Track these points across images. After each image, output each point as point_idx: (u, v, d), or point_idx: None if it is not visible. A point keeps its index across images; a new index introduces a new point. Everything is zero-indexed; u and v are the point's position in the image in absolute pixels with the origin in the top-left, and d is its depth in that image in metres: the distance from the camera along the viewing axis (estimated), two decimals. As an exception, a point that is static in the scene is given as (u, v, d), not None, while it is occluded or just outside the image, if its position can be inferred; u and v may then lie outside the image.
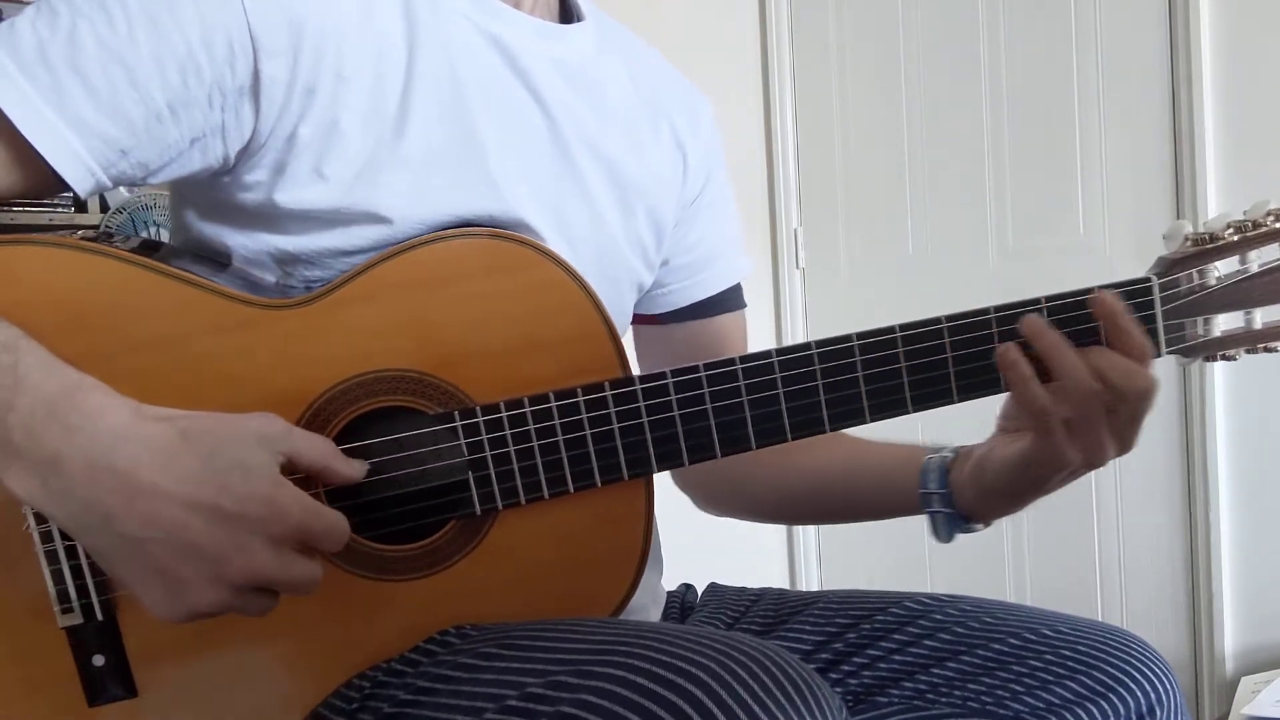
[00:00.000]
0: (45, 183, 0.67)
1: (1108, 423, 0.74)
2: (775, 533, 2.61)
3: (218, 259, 0.76)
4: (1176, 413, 2.18)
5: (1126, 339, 0.74)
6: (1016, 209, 2.34)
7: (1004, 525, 0.84)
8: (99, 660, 0.68)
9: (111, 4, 0.66)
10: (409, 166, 0.74)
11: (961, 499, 0.82)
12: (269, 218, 0.73)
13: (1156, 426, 2.19)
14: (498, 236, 0.75)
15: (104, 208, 1.73)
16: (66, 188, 0.68)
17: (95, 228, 1.72)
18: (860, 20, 2.51)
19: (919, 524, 0.87)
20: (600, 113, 0.85)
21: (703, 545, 1.13)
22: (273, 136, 0.71)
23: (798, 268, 2.60)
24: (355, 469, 0.68)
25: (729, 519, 1.03)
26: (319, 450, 0.66)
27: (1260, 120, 2.06)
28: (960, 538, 0.86)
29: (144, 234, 1.73)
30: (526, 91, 0.80)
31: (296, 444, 0.65)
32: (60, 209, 1.67)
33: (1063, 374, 0.73)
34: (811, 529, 2.62)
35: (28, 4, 0.70)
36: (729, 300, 0.99)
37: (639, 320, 1.00)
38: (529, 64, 0.80)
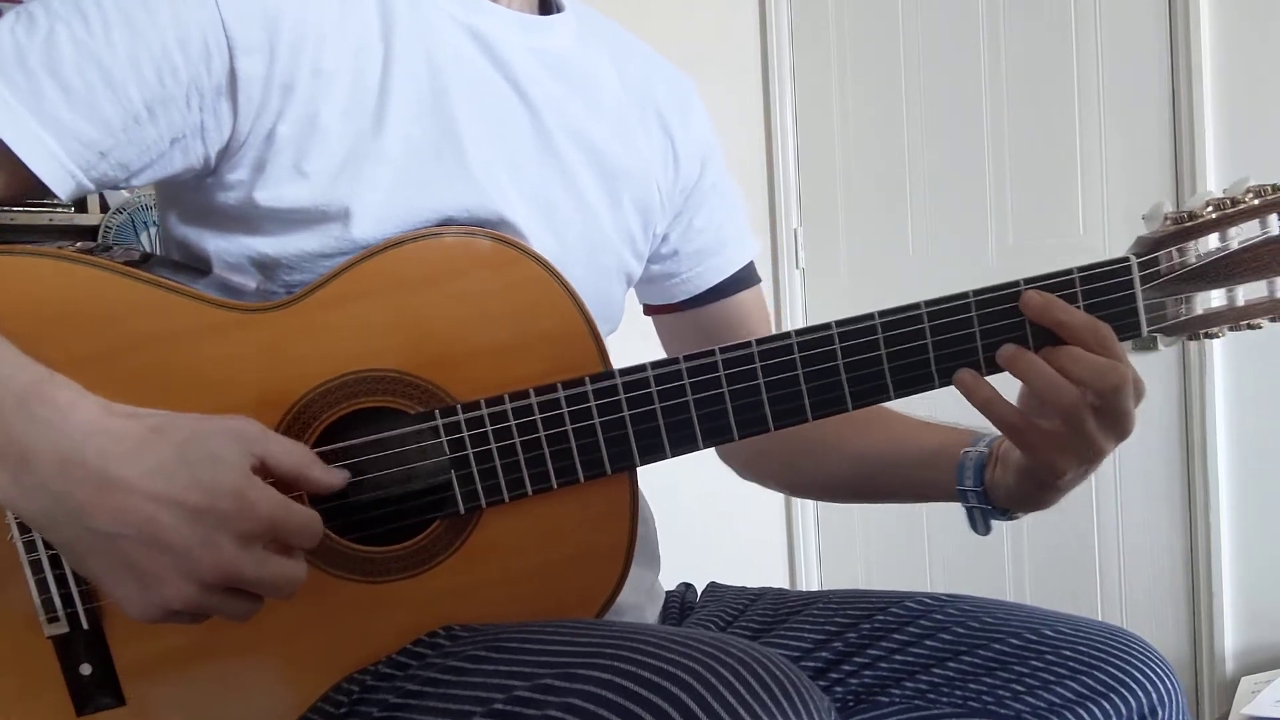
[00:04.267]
0: (26, 186, 0.68)
1: (1097, 420, 0.73)
2: (775, 532, 2.61)
3: (198, 266, 0.76)
4: (1176, 412, 2.18)
5: (1070, 331, 0.73)
6: (1016, 209, 2.34)
7: (1003, 525, 0.85)
8: (86, 669, 0.68)
9: (88, 7, 0.67)
10: (389, 161, 0.74)
11: (995, 495, 0.84)
12: (249, 219, 0.73)
13: (1156, 426, 2.19)
14: (477, 235, 0.74)
15: (104, 208, 1.73)
16: (48, 190, 0.68)
17: (95, 228, 1.72)
18: (860, 20, 2.51)
19: (919, 524, 0.87)
20: (586, 102, 0.85)
21: (702, 544, 1.13)
22: (252, 134, 0.71)
23: (798, 268, 2.60)
24: (334, 477, 0.67)
25: (728, 521, 1.03)
26: (295, 456, 0.65)
27: (1260, 119, 2.06)
28: (959, 537, 0.87)
29: (142, 234, 1.73)
30: (507, 84, 0.80)
31: (271, 447, 0.64)
32: (60, 209, 1.66)
33: (1042, 391, 0.73)
34: (812, 528, 2.62)
35: (19, 2, 0.70)
36: (744, 279, 1.00)
37: (658, 310, 1.00)
38: (509, 56, 0.80)
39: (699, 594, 0.99)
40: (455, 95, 0.76)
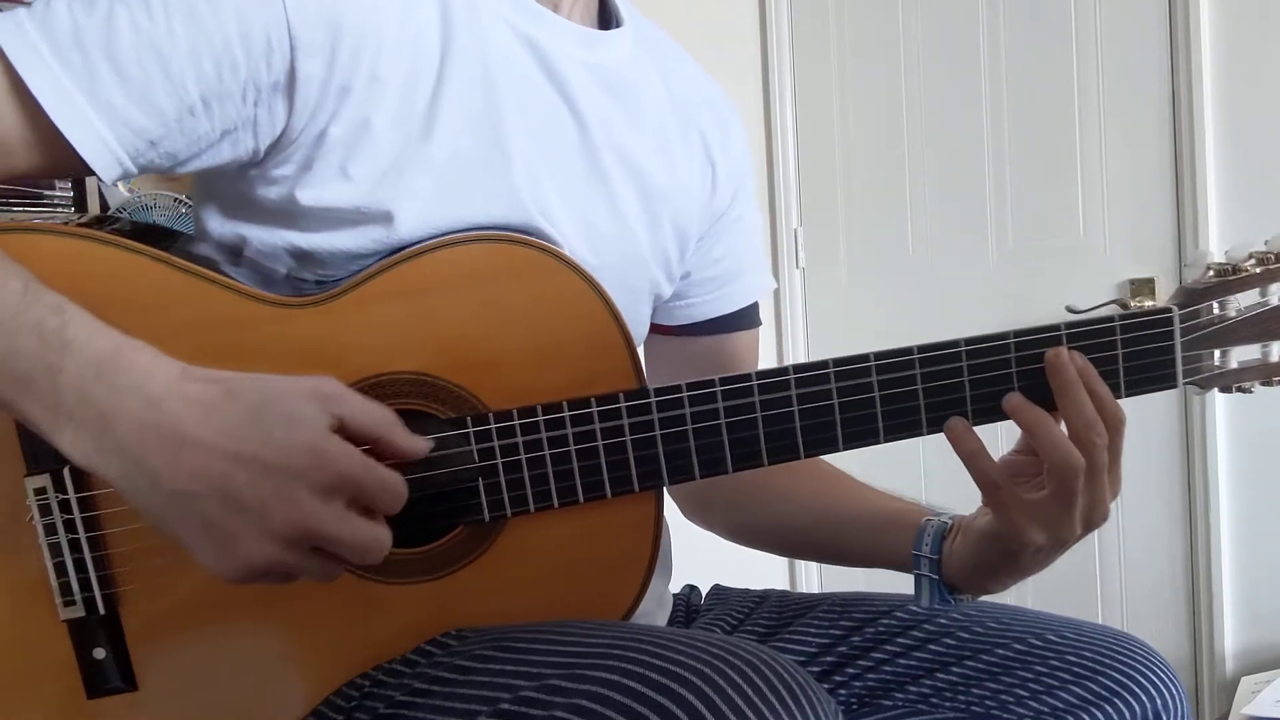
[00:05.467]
0: (71, 166, 0.67)
1: (1085, 489, 0.73)
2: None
3: (231, 249, 0.76)
4: (1177, 413, 2.18)
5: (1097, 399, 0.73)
6: (1016, 209, 2.34)
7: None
8: (99, 653, 0.68)
9: None
10: (433, 169, 0.73)
11: (949, 567, 0.81)
12: (289, 214, 0.72)
13: (1157, 427, 2.19)
14: (517, 242, 0.74)
15: (104, 208, 1.73)
16: (92, 171, 0.67)
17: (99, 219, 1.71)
18: (860, 20, 2.51)
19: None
20: (633, 120, 0.84)
21: (702, 544, 1.13)
22: (304, 134, 0.70)
23: (798, 268, 2.60)
24: (416, 443, 0.65)
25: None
26: (376, 417, 0.63)
27: (1260, 121, 2.06)
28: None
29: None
30: (560, 97, 0.79)
31: (353, 407, 0.62)
32: (60, 208, 1.66)
33: (1041, 448, 0.72)
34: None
35: (26, 3, 0.69)
36: (746, 318, 0.98)
37: (653, 329, 0.99)
38: (565, 70, 0.79)
39: (703, 596, 0.99)
40: (507, 108, 0.76)
